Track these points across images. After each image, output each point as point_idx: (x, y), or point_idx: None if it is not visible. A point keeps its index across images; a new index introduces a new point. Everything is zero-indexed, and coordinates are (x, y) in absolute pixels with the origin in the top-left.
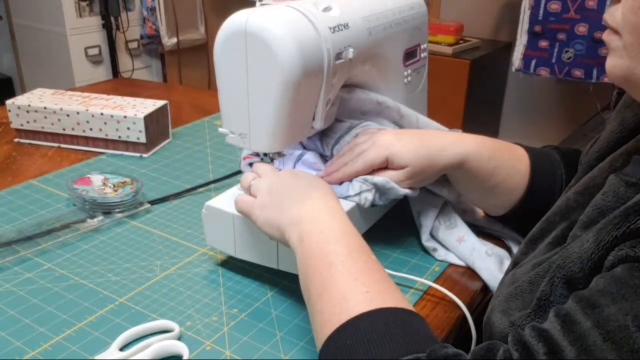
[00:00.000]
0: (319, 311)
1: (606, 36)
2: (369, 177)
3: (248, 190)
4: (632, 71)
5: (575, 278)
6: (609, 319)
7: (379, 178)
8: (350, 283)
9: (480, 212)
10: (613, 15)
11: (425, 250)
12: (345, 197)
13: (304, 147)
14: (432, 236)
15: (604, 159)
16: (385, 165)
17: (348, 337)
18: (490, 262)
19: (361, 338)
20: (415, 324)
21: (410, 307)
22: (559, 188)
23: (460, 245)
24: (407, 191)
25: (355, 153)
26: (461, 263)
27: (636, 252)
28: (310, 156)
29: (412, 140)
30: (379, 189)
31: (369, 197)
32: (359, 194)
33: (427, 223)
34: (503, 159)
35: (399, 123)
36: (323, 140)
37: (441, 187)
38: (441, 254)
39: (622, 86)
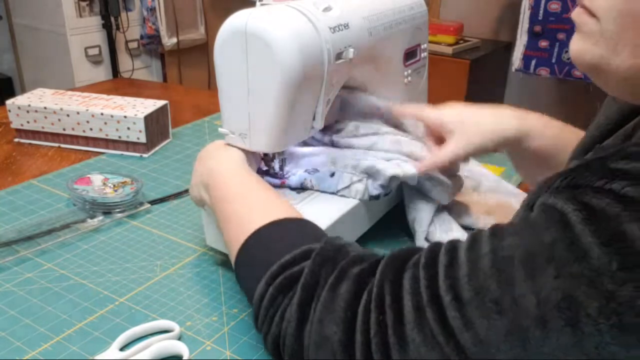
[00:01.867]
0: (227, 238)
1: (577, 16)
2: (360, 164)
3: None
4: (605, 61)
5: None
6: (503, 248)
7: (366, 162)
8: (248, 202)
9: (475, 214)
10: None
11: None
12: (337, 192)
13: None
14: (428, 240)
15: (587, 152)
16: (438, 125)
17: (252, 247)
18: None
19: (263, 244)
20: (310, 227)
21: (302, 217)
22: None
23: None
24: (395, 171)
25: None
26: None
27: (549, 201)
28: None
29: (469, 109)
30: (369, 176)
31: (359, 188)
32: (348, 186)
33: (421, 229)
34: (568, 140)
35: (401, 128)
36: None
37: (431, 188)
38: None
39: (588, 74)
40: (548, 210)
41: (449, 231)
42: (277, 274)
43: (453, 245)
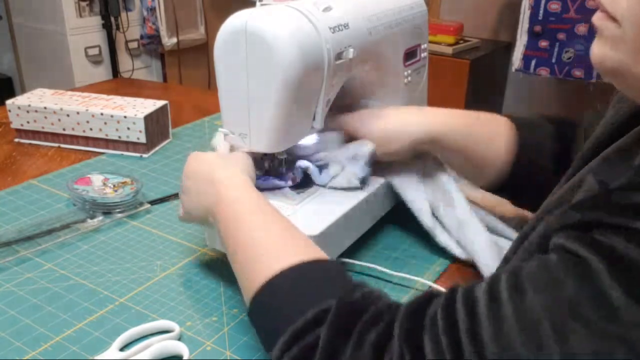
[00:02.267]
0: (240, 275)
1: (598, 20)
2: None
3: None
4: (627, 67)
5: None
6: (527, 308)
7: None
8: (262, 244)
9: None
10: (615, 0)
11: (425, 251)
12: (326, 185)
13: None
14: (434, 215)
15: (597, 154)
16: (355, 133)
17: (268, 297)
18: (490, 254)
19: (276, 298)
20: (326, 272)
21: (317, 254)
22: (548, 161)
23: (461, 227)
24: (370, 147)
25: None
26: (461, 254)
27: (568, 244)
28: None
29: (382, 115)
30: (352, 159)
31: (345, 175)
32: (335, 177)
33: (419, 206)
34: (479, 134)
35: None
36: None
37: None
38: (441, 239)
39: (610, 79)
40: (569, 259)
41: (451, 206)
42: (291, 343)
43: (470, 299)
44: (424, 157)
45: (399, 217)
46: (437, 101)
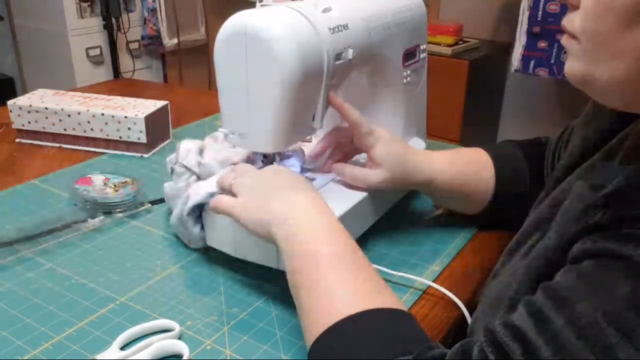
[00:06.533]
0: (306, 312)
1: (565, 40)
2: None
3: (228, 190)
4: (590, 74)
5: (541, 273)
6: (580, 315)
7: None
8: (336, 284)
9: None
10: (571, 21)
11: (425, 251)
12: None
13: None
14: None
15: (571, 172)
16: (365, 151)
17: (334, 341)
18: None
19: (347, 342)
20: (402, 323)
21: (398, 304)
22: (524, 184)
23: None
24: None
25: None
26: None
27: (598, 246)
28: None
29: (398, 147)
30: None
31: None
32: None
33: None
34: (469, 174)
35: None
36: None
37: None
38: None
39: (580, 87)
40: (608, 260)
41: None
42: None
43: (512, 327)
44: None
45: (398, 217)
46: (437, 102)
